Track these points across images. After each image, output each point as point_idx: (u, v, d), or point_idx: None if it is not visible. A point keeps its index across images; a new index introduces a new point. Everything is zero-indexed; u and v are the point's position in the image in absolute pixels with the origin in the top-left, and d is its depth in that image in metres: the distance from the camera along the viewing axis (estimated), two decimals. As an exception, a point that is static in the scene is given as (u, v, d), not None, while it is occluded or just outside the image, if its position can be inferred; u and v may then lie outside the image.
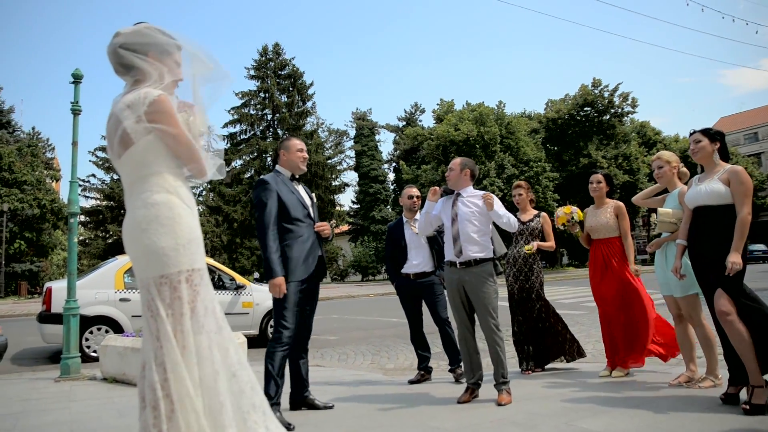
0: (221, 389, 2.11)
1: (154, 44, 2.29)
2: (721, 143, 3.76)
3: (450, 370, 5.09)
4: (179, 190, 2.24)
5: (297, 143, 4.12)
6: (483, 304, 4.08)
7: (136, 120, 2.14)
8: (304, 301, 3.97)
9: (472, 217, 4.18)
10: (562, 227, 5.08)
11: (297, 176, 4.13)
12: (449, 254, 4.24)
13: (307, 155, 4.16)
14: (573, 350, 5.22)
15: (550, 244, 5.27)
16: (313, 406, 4.08)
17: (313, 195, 4.25)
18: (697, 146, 3.78)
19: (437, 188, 4.36)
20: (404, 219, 5.33)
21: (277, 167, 4.13)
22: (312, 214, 4.05)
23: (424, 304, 5.20)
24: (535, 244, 5.13)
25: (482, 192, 4.29)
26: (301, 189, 4.11)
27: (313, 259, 3.95)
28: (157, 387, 2.03)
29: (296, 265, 3.84)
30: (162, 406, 2.02)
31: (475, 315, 4.20)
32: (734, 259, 3.37)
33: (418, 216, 5.21)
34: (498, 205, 4.17)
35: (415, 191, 5.38)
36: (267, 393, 3.59)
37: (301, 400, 4.11)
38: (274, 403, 3.64)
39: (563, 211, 5.07)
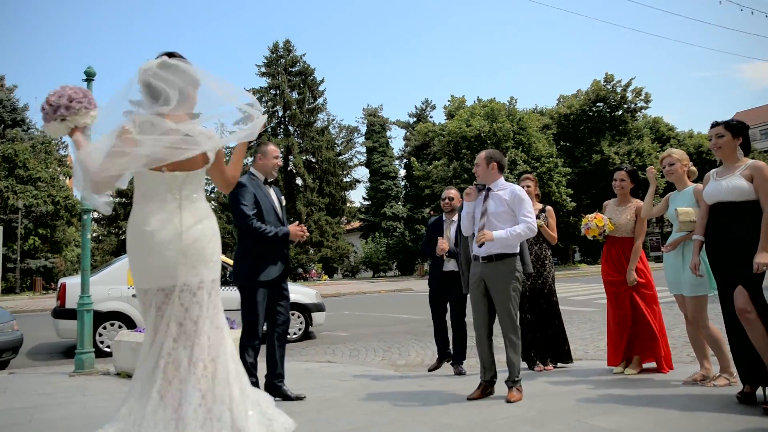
0: (232, 380, 2.35)
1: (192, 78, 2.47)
2: (744, 137, 3.63)
3: (451, 364, 5.32)
4: None
5: (274, 150, 4.38)
6: (502, 301, 4.02)
7: (212, 148, 2.42)
8: (273, 298, 4.23)
9: (499, 212, 4.08)
10: (591, 239, 4.86)
11: (269, 180, 4.35)
12: (474, 248, 4.20)
13: (281, 162, 4.41)
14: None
15: (553, 234, 5.25)
16: (286, 397, 4.23)
17: (282, 198, 4.47)
18: (720, 141, 3.64)
19: (472, 188, 4.25)
20: (443, 218, 5.55)
21: (252, 169, 4.33)
22: (281, 217, 4.29)
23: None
24: (542, 222, 5.12)
25: (513, 185, 4.18)
26: (272, 192, 4.35)
27: (281, 262, 4.24)
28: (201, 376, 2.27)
29: (266, 266, 4.13)
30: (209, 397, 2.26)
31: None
32: (763, 260, 3.25)
33: (455, 218, 5.34)
34: (524, 209, 4.05)
35: (450, 193, 5.52)
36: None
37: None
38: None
39: (595, 224, 4.76)
